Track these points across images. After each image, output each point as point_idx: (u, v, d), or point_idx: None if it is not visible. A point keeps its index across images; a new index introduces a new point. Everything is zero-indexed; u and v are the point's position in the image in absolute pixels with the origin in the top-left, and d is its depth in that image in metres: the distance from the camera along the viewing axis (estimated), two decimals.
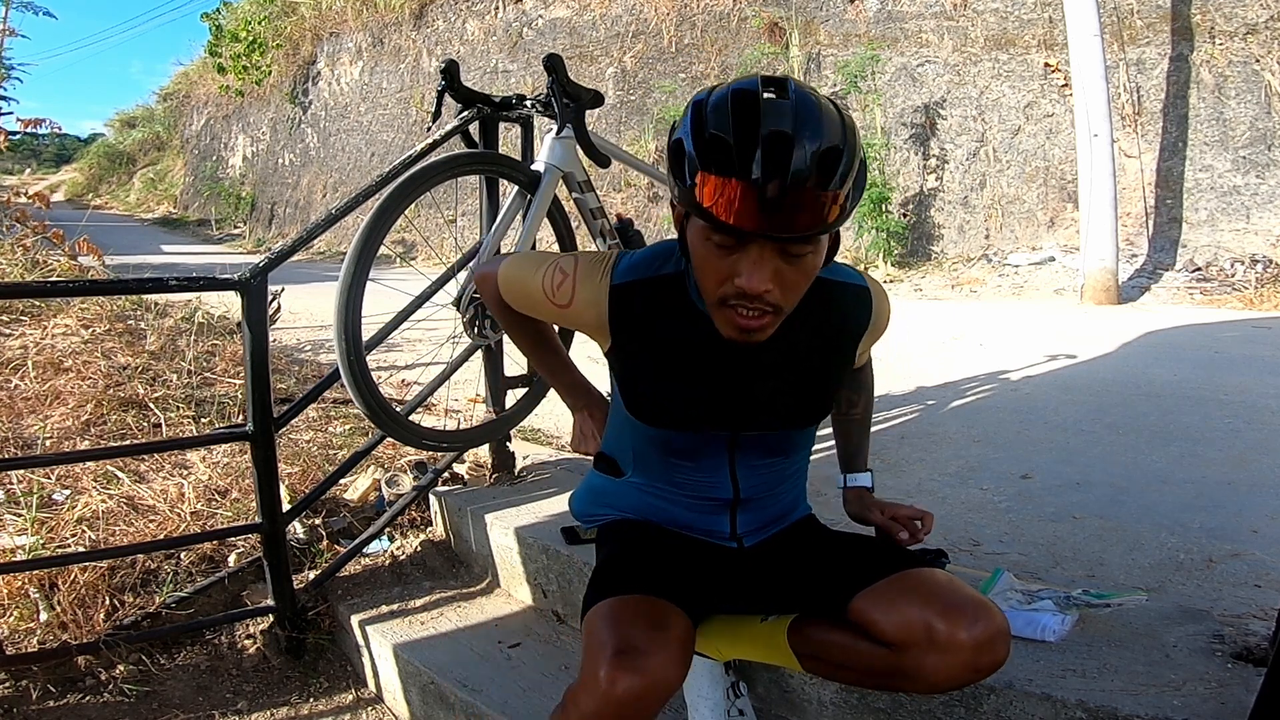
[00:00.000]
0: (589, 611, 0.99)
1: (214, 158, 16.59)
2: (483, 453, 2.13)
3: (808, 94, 0.87)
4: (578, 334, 1.50)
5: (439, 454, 2.08)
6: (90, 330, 2.93)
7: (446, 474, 2.08)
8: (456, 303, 1.72)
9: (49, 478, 2.02)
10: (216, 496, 2.07)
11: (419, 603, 1.80)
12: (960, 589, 0.94)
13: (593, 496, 1.25)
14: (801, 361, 1.05)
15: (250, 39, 13.77)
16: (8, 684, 1.56)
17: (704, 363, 1.03)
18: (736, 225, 0.85)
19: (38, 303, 3.04)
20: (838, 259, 1.04)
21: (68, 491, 1.99)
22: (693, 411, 1.05)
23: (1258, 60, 5.52)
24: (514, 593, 1.80)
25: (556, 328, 1.44)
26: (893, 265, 6.70)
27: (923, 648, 0.90)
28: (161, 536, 1.88)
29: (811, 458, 1.21)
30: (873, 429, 2.51)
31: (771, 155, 0.83)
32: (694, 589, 1.04)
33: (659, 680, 0.88)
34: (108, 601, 1.71)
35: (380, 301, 1.92)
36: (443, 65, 1.76)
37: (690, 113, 0.89)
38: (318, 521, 2.04)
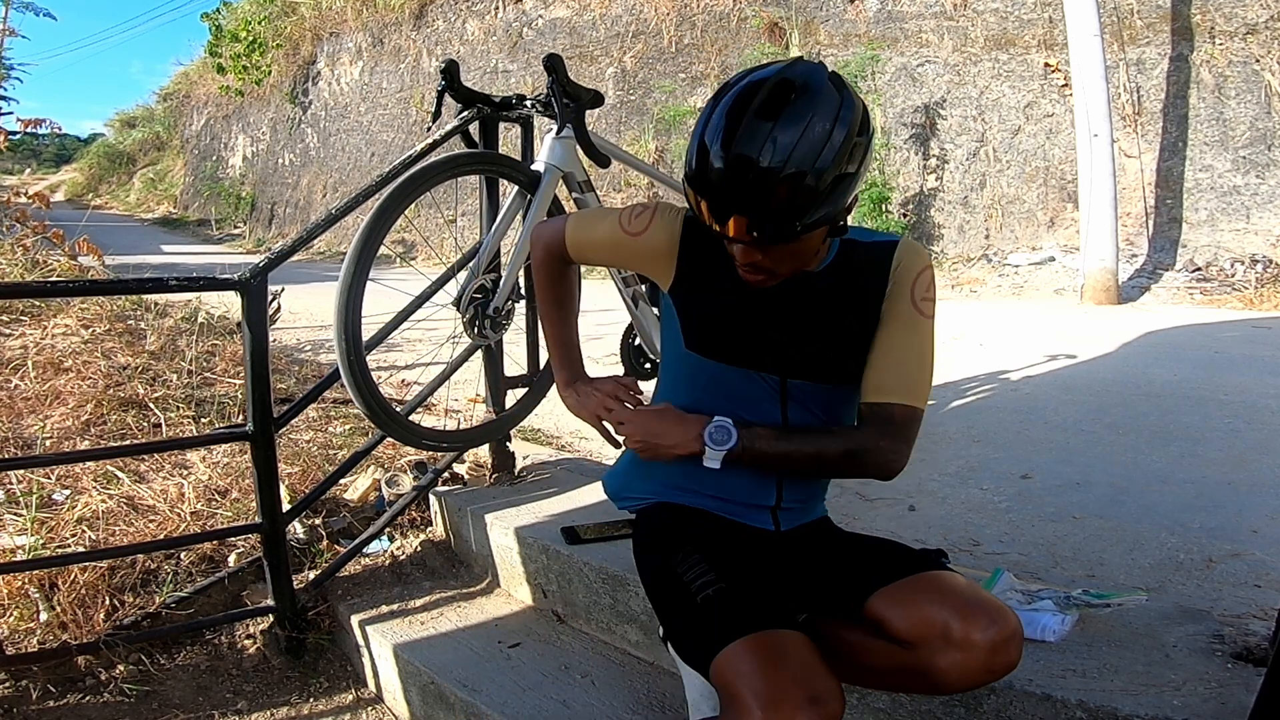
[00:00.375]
0: (715, 666, 0.91)
1: (214, 158, 16.59)
2: (483, 453, 2.13)
3: (801, 111, 0.92)
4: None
5: (439, 454, 2.08)
6: (90, 330, 2.93)
7: (446, 474, 2.08)
8: (456, 303, 1.72)
9: (49, 478, 2.02)
10: (216, 496, 2.07)
11: (419, 603, 1.80)
12: (977, 591, 0.95)
13: (635, 470, 1.22)
14: (840, 319, 1.09)
15: (250, 39, 13.77)
16: (8, 684, 1.56)
17: (756, 303, 1.09)
18: (719, 229, 0.97)
19: (38, 303, 3.04)
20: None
21: (68, 491, 1.99)
22: (748, 346, 1.10)
23: (1258, 60, 5.53)
24: (514, 593, 1.80)
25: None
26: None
27: (938, 647, 0.90)
28: (161, 536, 1.88)
29: None
30: None
31: (734, 183, 0.92)
32: (745, 580, 1.03)
33: (835, 712, 0.86)
34: (108, 601, 1.71)
35: (380, 301, 1.92)
36: (443, 65, 1.76)
37: (700, 115, 0.97)
38: (318, 521, 2.04)
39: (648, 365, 2.09)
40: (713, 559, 1.04)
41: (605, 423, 1.21)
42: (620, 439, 1.17)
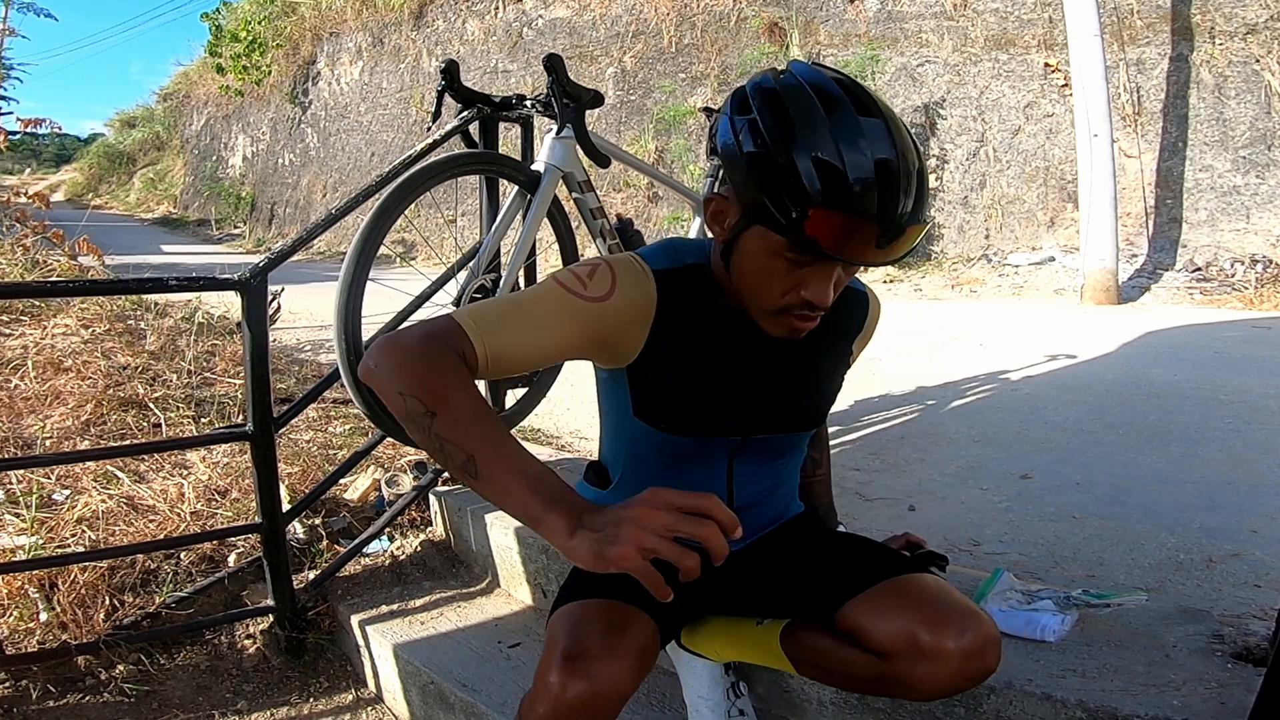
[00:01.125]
0: (552, 616, 0.98)
1: (214, 158, 16.59)
2: None
3: (881, 103, 0.84)
4: None
5: None
6: (90, 330, 2.93)
7: (446, 474, 2.08)
8: (456, 303, 1.72)
9: (49, 478, 2.02)
10: (216, 496, 2.07)
11: (419, 603, 1.80)
12: (949, 596, 0.92)
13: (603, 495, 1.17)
14: (812, 363, 1.05)
15: (250, 39, 13.76)
16: (8, 684, 1.56)
17: (725, 362, 0.99)
18: (845, 258, 0.83)
19: (38, 303, 3.04)
20: None
21: (68, 491, 1.99)
22: (711, 414, 1.01)
23: (1258, 60, 5.52)
24: (514, 593, 1.80)
25: None
26: (893, 265, 6.70)
27: (910, 657, 0.89)
28: (161, 536, 1.88)
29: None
30: (873, 429, 2.52)
31: (886, 192, 0.80)
32: (678, 592, 1.01)
33: (608, 687, 0.86)
34: (108, 601, 1.71)
35: (380, 301, 1.92)
36: (443, 65, 1.76)
37: (785, 127, 0.82)
38: (318, 521, 2.04)
39: None
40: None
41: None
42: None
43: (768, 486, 1.11)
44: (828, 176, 0.79)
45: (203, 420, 2.44)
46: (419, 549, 2.01)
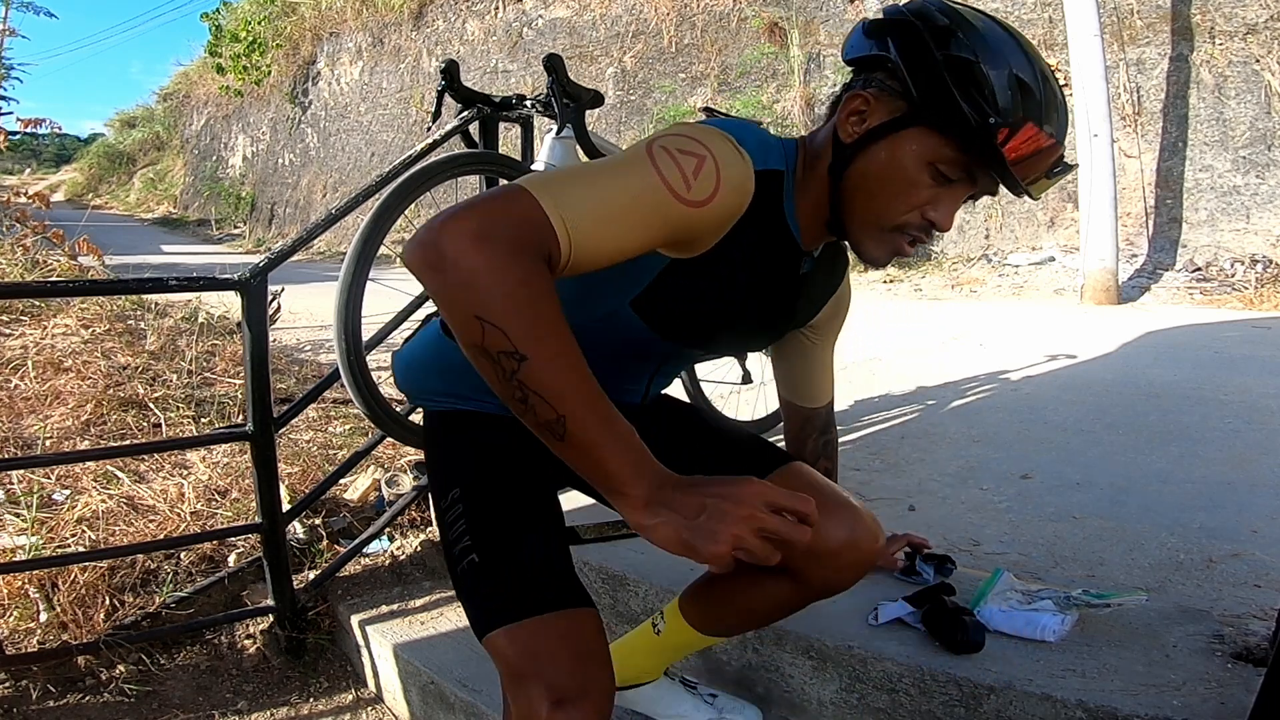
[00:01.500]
0: (493, 635, 0.85)
1: (214, 158, 16.59)
2: None
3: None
4: None
5: None
6: (90, 330, 2.93)
7: None
8: None
9: (49, 478, 2.02)
10: (216, 496, 2.07)
11: (419, 603, 1.80)
12: (831, 488, 0.98)
13: (440, 368, 1.02)
14: (803, 311, 1.06)
15: (250, 39, 13.76)
16: (8, 684, 1.56)
17: (760, 284, 0.92)
18: (1019, 179, 0.82)
19: (38, 303, 3.04)
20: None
21: (68, 491, 1.99)
22: (716, 330, 0.94)
23: (1258, 60, 5.52)
24: None
25: None
26: (892, 265, 6.70)
27: (814, 555, 0.93)
28: (161, 536, 1.88)
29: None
30: (873, 429, 2.52)
31: (1060, 113, 0.84)
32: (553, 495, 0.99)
33: (603, 714, 0.84)
34: (108, 601, 1.71)
35: (380, 301, 1.92)
36: (443, 65, 1.76)
37: (981, 40, 0.80)
38: (318, 521, 2.04)
39: None
40: (537, 502, 0.95)
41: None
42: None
43: (673, 378, 1.13)
44: (1027, 94, 0.80)
45: (203, 420, 2.44)
46: (419, 549, 2.01)
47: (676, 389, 1.47)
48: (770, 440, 1.11)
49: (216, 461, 2.21)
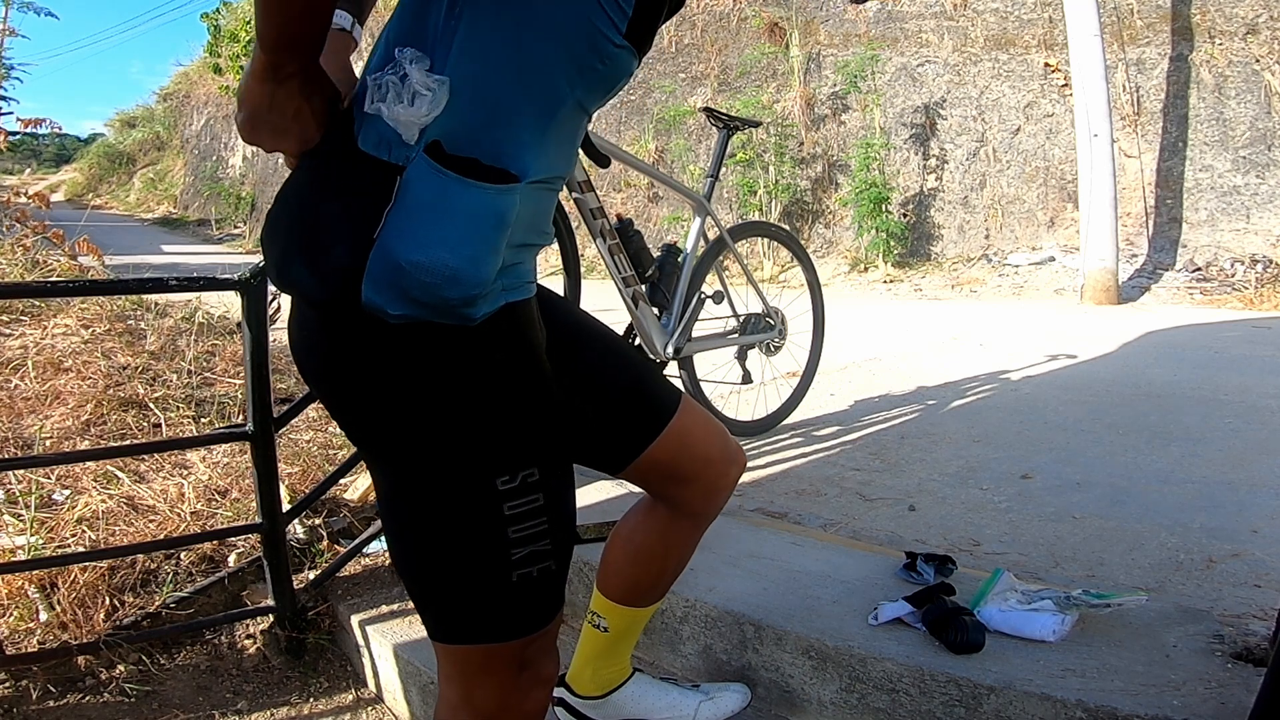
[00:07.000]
0: (517, 641, 0.76)
1: (214, 158, 16.59)
2: None
3: None
4: None
5: None
6: (90, 330, 2.93)
7: None
8: None
9: (49, 478, 2.02)
10: (216, 496, 2.07)
11: None
12: (711, 423, 1.04)
13: (500, 236, 0.66)
14: None
15: (250, 39, 13.75)
16: (8, 684, 1.56)
17: None
18: None
19: (38, 303, 3.04)
20: (837, 257, 1.08)
21: (68, 491, 1.99)
22: None
23: (1258, 60, 5.53)
24: None
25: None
26: (893, 265, 6.70)
27: (698, 480, 1.02)
28: (161, 536, 1.88)
29: (805, 451, 1.22)
30: (873, 429, 2.51)
31: None
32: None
33: (554, 678, 0.86)
34: (108, 601, 1.71)
35: None
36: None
37: None
38: (318, 521, 2.04)
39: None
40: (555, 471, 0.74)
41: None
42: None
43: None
44: None
45: (203, 420, 2.44)
46: None
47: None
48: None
49: (216, 461, 2.21)
